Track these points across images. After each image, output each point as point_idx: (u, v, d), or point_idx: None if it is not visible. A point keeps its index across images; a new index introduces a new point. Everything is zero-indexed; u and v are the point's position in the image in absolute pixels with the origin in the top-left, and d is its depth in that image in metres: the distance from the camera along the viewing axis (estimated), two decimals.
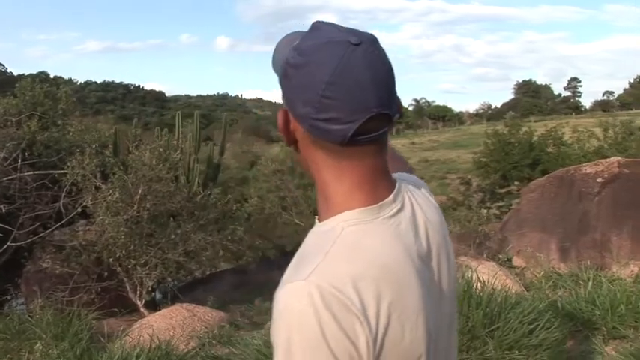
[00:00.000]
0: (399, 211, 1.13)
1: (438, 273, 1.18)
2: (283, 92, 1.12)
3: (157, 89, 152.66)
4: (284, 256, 18.45)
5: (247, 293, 12.93)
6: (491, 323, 4.94)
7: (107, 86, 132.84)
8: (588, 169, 8.81)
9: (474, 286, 5.37)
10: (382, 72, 1.07)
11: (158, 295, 10.63)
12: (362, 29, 1.08)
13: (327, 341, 0.96)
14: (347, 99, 1.03)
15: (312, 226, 1.16)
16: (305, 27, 1.13)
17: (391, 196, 1.13)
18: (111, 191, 8.66)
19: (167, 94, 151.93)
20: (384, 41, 1.11)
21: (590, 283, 6.63)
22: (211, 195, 10.70)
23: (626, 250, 7.92)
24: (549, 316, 5.41)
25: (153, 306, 9.66)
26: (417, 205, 1.19)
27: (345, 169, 1.09)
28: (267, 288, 13.68)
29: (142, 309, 9.13)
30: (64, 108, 11.63)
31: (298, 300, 0.98)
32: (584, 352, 5.26)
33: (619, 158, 8.88)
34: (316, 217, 1.19)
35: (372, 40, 1.07)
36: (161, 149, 9.77)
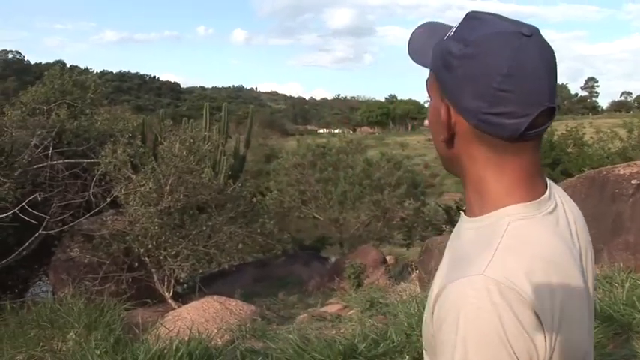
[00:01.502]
0: (555, 208, 1.10)
1: (585, 274, 1.13)
2: (444, 85, 1.08)
3: (172, 80, 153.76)
4: (302, 250, 18.45)
5: (269, 287, 12.93)
6: None
7: (123, 76, 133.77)
8: (622, 170, 8.68)
9: None
10: (552, 64, 1.03)
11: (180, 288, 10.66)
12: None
13: (508, 338, 0.92)
14: (523, 92, 0.99)
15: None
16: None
17: (547, 193, 1.10)
18: (144, 182, 8.66)
19: (182, 86, 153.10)
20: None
21: (627, 285, 6.54)
22: (242, 187, 10.70)
23: None
24: None
25: (176, 297, 9.69)
26: (566, 203, 1.16)
27: (506, 164, 1.06)
28: (288, 281, 13.72)
29: (169, 300, 9.15)
30: (92, 97, 11.65)
31: (475, 295, 0.94)
32: (628, 356, 5.16)
33: None
34: (461, 212, 1.16)
35: (538, 31, 1.03)
36: (191, 140, 9.77)
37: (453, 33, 1.07)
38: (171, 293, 9.36)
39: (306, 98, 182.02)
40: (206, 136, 11.17)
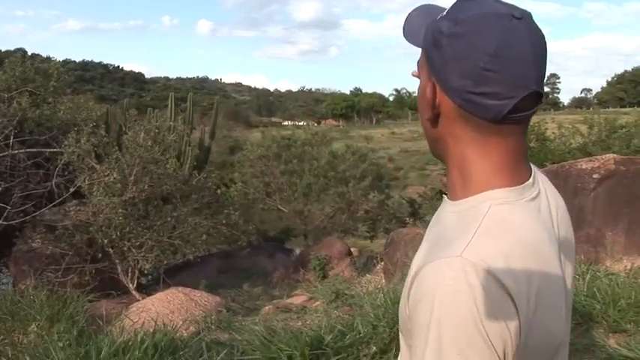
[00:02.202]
0: (538, 195, 1.10)
1: (564, 263, 1.13)
2: (432, 63, 1.07)
3: (137, 70, 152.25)
4: (267, 241, 18.43)
5: (234, 278, 12.88)
6: None
7: (86, 66, 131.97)
8: (584, 164, 8.83)
9: None
10: (542, 49, 1.03)
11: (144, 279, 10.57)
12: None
13: (482, 322, 0.91)
14: (509, 74, 0.99)
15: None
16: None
17: (530, 179, 1.09)
18: (108, 171, 8.55)
19: (146, 76, 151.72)
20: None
21: (588, 277, 6.67)
22: (207, 178, 10.64)
23: (620, 246, 7.98)
24: None
25: (140, 289, 9.61)
26: (549, 191, 1.16)
27: (491, 146, 1.05)
28: (253, 273, 13.68)
29: (133, 292, 9.06)
30: (55, 85, 11.44)
31: (453, 277, 0.93)
32: (588, 345, 5.27)
33: (615, 155, 8.92)
34: (444, 195, 1.15)
35: (530, 15, 1.03)
36: (156, 130, 9.67)
37: (445, 13, 1.06)
38: (135, 285, 9.28)
39: (271, 90, 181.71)
40: (171, 126, 11.06)
